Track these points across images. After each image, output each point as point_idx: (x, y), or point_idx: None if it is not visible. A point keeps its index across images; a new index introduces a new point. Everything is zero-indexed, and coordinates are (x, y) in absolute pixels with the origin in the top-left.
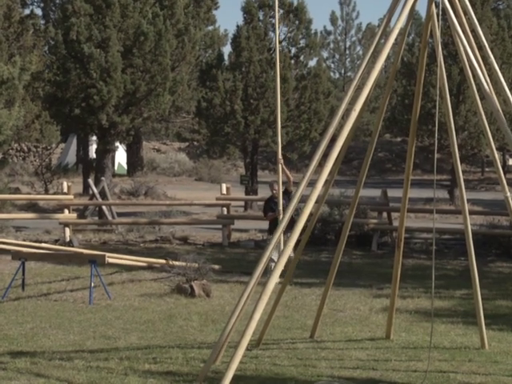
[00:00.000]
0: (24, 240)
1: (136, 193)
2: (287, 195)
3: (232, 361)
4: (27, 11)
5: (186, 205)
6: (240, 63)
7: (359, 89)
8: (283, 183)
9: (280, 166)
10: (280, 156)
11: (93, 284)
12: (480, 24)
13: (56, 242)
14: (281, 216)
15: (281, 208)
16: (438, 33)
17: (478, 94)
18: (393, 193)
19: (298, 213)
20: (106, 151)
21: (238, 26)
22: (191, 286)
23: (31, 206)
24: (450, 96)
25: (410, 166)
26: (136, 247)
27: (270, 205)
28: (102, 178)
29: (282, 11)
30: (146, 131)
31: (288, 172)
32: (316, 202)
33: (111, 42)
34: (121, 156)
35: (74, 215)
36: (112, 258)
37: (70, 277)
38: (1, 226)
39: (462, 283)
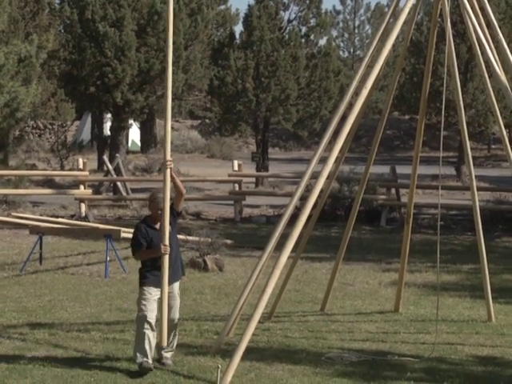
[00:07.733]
0: (41, 215)
1: (150, 169)
2: (173, 218)
3: (245, 333)
4: None
5: (198, 181)
6: (251, 42)
7: (369, 67)
8: (170, 198)
9: (168, 171)
10: (169, 157)
11: (108, 258)
12: (488, 2)
13: (72, 217)
14: (167, 252)
15: (167, 242)
16: (447, 10)
17: (486, 71)
18: (401, 169)
19: (308, 189)
20: (120, 128)
21: (249, 5)
22: (204, 261)
23: (47, 182)
24: (458, 74)
25: (419, 143)
26: None
27: (146, 233)
28: (117, 155)
29: None
30: (159, 109)
31: (180, 183)
32: (326, 178)
33: (125, 21)
34: (134, 133)
35: (90, 191)
36: (127, 233)
37: (86, 251)
38: (18, 201)
39: (469, 258)
